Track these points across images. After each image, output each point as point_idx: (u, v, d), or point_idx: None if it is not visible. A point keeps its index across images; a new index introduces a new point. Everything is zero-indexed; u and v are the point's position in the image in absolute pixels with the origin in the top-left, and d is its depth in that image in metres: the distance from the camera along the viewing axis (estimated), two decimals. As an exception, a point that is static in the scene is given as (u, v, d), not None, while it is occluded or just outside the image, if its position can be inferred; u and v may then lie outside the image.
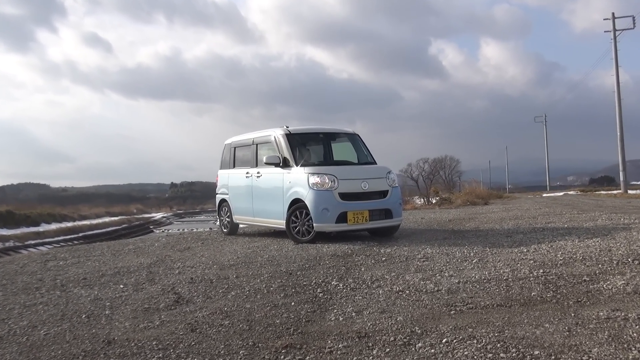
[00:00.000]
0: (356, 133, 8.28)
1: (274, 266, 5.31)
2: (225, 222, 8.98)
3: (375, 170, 7.48)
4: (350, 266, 5.12)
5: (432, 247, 6.13)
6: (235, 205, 8.63)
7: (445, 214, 12.52)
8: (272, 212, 7.54)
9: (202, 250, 7.03)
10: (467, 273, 4.53)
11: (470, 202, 18.05)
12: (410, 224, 9.65)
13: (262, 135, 8.13)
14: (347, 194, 6.87)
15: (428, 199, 26.30)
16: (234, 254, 6.32)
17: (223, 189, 9.03)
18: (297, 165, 7.18)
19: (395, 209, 7.18)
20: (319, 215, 6.73)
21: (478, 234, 7.48)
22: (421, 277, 4.42)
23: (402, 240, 6.92)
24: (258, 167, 8.02)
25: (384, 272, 4.72)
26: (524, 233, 7.33)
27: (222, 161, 9.30)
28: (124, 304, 4.08)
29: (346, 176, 7.00)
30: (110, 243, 8.99)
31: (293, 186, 7.10)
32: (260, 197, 7.91)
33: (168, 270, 5.49)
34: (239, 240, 7.94)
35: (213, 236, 8.86)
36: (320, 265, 5.25)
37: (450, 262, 5.07)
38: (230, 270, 5.25)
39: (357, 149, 8.13)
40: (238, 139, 8.94)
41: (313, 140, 8.33)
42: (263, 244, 7.28)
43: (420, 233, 7.90)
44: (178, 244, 7.87)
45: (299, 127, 8.14)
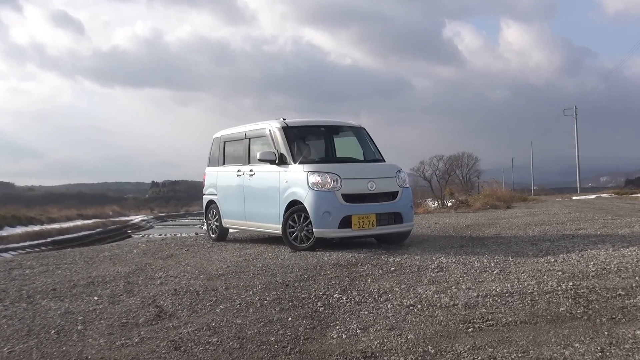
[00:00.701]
0: (362, 126, 8.29)
1: (269, 276, 5.31)
2: (213, 226, 8.99)
3: (384, 169, 7.47)
4: (355, 277, 5.12)
5: (447, 256, 6.13)
6: (224, 208, 8.64)
7: (462, 218, 12.52)
8: (267, 215, 7.55)
9: (187, 258, 7.04)
10: (487, 285, 4.53)
11: (490, 205, 18.06)
12: (422, 230, 9.65)
13: (256, 128, 8.13)
14: (351, 195, 6.88)
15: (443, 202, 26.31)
16: (223, 263, 6.32)
17: (211, 189, 9.03)
18: (295, 162, 7.19)
19: (406, 213, 7.19)
20: (319, 219, 6.73)
21: (499, 241, 7.49)
22: (435, 290, 4.42)
23: (414, 248, 6.92)
24: (251, 165, 8.03)
25: (392, 284, 4.72)
26: (551, 241, 7.33)
27: (210, 157, 9.30)
28: (98, 319, 4.08)
29: (350, 175, 7.01)
30: (83, 249, 9.00)
31: (290, 186, 7.11)
32: (253, 198, 7.91)
33: (148, 280, 5.49)
34: (228, 247, 7.95)
35: (199, 242, 8.86)
36: (321, 275, 5.25)
37: (468, 273, 5.07)
38: (218, 280, 5.25)
39: (362, 145, 8.13)
40: (228, 133, 8.94)
41: (313, 135, 8.33)
42: (256, 251, 7.29)
43: (434, 240, 7.90)
44: (160, 251, 7.87)
45: (297, 120, 8.14)
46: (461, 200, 19.80)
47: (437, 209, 20.63)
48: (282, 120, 7.72)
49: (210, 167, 9.24)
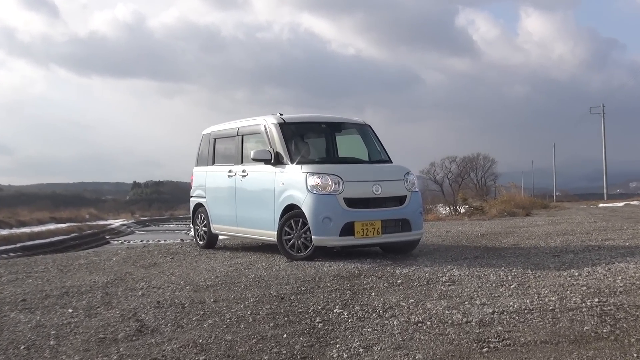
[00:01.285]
0: (367, 124, 8.30)
1: (262, 288, 5.31)
2: (201, 232, 8.99)
3: (391, 171, 7.48)
4: (358, 290, 5.12)
5: (460, 267, 6.14)
6: (214, 212, 8.65)
7: (477, 226, 12.53)
8: (261, 220, 7.55)
9: (172, 267, 7.04)
10: (504, 301, 4.53)
11: (508, 212, 18.07)
12: (432, 239, 9.66)
13: (250, 124, 8.14)
14: (354, 199, 6.88)
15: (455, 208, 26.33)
16: (212, 273, 6.32)
17: (199, 190, 9.04)
18: (292, 162, 7.20)
19: (415, 220, 7.19)
20: (319, 225, 6.74)
21: (517, 252, 7.49)
22: (446, 305, 4.43)
23: (423, 259, 6.93)
24: (243, 164, 8.04)
25: (399, 298, 4.73)
26: (575, 252, 7.33)
27: (198, 156, 9.31)
28: (73, 333, 4.08)
29: (354, 177, 7.02)
30: (57, 256, 9.00)
31: (287, 189, 7.11)
32: (245, 201, 7.92)
33: (129, 291, 5.49)
34: (218, 256, 7.95)
35: (186, 250, 8.87)
36: (320, 288, 5.25)
37: (483, 287, 5.07)
38: (206, 292, 5.25)
39: (367, 144, 8.14)
40: (219, 129, 8.95)
41: (313, 132, 8.33)
42: (248, 260, 7.29)
43: (446, 250, 7.91)
44: (141, 259, 7.87)
45: (295, 115, 8.14)
46: (475, 207, 19.80)
47: (449, 216, 20.64)
48: (278, 116, 7.73)
49: (198, 166, 9.24)
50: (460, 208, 24.12)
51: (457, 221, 15.50)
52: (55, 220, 43.03)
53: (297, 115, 8.23)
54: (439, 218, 18.43)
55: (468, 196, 24.71)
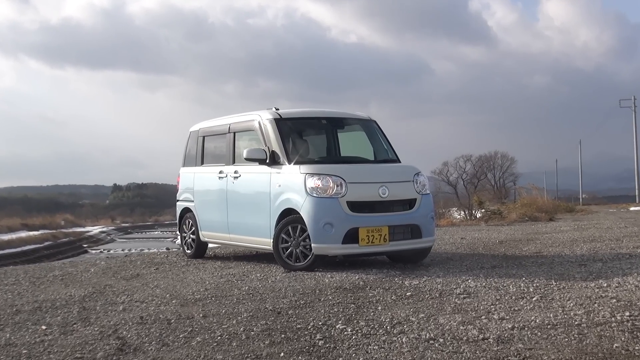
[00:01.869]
0: (372, 119, 8.31)
1: (257, 302, 5.31)
2: (188, 240, 9.00)
3: (399, 171, 7.47)
4: (363, 304, 5.12)
5: (476, 278, 6.14)
6: (203, 217, 8.65)
7: (495, 232, 12.53)
8: (255, 227, 7.55)
9: (157, 278, 7.04)
10: (525, 315, 4.53)
11: (529, 216, 18.06)
12: (445, 246, 9.66)
13: (243, 120, 8.15)
14: (359, 203, 6.88)
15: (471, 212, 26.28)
16: (201, 285, 6.32)
17: (186, 194, 9.05)
18: (290, 162, 7.20)
19: (426, 225, 7.19)
20: (319, 232, 6.74)
21: (540, 261, 7.49)
22: (461, 320, 4.43)
23: (435, 269, 6.93)
24: (236, 165, 8.04)
25: (409, 313, 4.73)
26: (603, 261, 7.33)
27: (185, 156, 9.32)
28: (47, 352, 4.08)
29: (358, 178, 7.02)
30: (28, 267, 8.99)
31: (284, 191, 7.12)
32: (238, 206, 7.92)
33: (109, 305, 5.49)
34: (207, 266, 7.95)
35: (172, 259, 8.87)
36: (321, 301, 5.25)
37: (502, 300, 5.07)
38: (195, 306, 5.25)
39: (373, 141, 8.14)
40: (208, 125, 8.96)
41: (312, 129, 8.33)
42: (241, 271, 7.29)
43: (460, 259, 7.91)
44: (123, 270, 7.88)
45: (292, 110, 8.14)
46: (493, 211, 19.77)
47: (464, 221, 20.62)
48: (274, 111, 7.74)
49: (185, 167, 9.25)
50: (476, 212, 24.08)
51: (473, 227, 15.50)
52: (27, 227, 43.03)
53: (295, 110, 8.22)
54: (453, 223, 18.41)
55: (485, 199, 24.65)
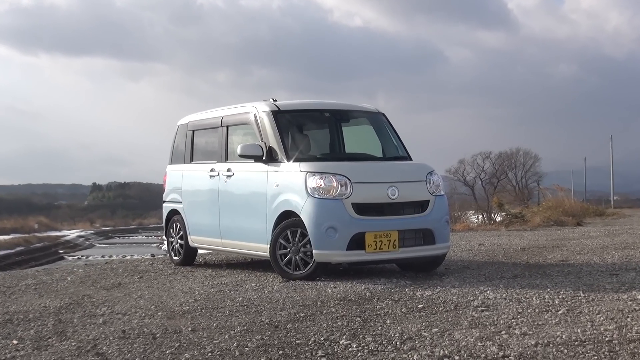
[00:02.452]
0: (380, 112, 8.31)
1: (252, 315, 5.31)
2: (176, 245, 9.01)
3: (410, 170, 7.47)
4: (369, 317, 5.12)
5: (495, 289, 6.14)
6: (192, 221, 8.66)
7: (517, 238, 12.52)
8: (250, 231, 7.56)
9: (141, 288, 7.04)
10: (550, 330, 4.52)
11: (554, 221, 18.04)
12: (462, 253, 9.65)
13: (237, 112, 8.15)
14: (365, 205, 6.88)
15: (490, 215, 26.27)
16: (190, 295, 6.33)
17: (174, 194, 9.05)
18: (289, 159, 7.21)
19: (440, 230, 7.19)
20: (321, 237, 6.74)
21: (566, 270, 7.48)
22: (478, 336, 4.42)
23: (450, 278, 6.93)
24: (229, 162, 8.05)
25: (420, 327, 4.73)
26: (637, 270, 7.31)
27: (172, 152, 9.32)
28: (19, 370, 4.08)
29: (364, 178, 7.02)
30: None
31: (282, 192, 7.12)
32: (231, 208, 7.93)
33: (87, 318, 5.49)
34: (197, 274, 7.96)
35: (157, 267, 8.87)
36: (323, 314, 5.25)
37: (524, 313, 5.07)
38: (183, 319, 5.25)
39: (381, 137, 8.14)
40: (198, 118, 8.96)
41: (314, 122, 8.33)
42: (234, 280, 7.29)
43: (478, 267, 7.91)
44: (103, 279, 7.88)
45: (292, 102, 8.14)
46: (515, 214, 19.74)
47: (482, 225, 20.60)
48: (271, 102, 7.74)
49: (173, 164, 9.25)
50: (495, 216, 24.05)
51: (492, 232, 15.49)
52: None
53: (295, 102, 8.22)
54: (470, 228, 18.39)
55: (505, 201, 24.63)
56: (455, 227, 17.48)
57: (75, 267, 9.66)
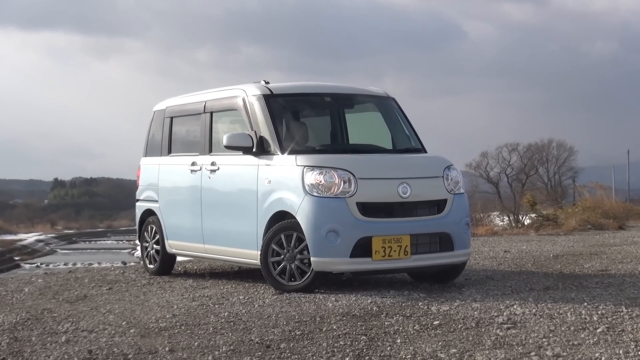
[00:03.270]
0: (390, 96, 8.30)
1: (239, 332, 5.31)
2: (151, 251, 9.00)
3: (425, 164, 7.48)
4: (377, 335, 5.12)
5: (523, 303, 6.14)
6: (170, 223, 8.65)
7: (548, 244, 12.52)
8: (237, 235, 7.56)
9: (110, 301, 7.04)
10: (587, 351, 4.52)
11: (592, 224, 18.02)
12: (484, 262, 9.65)
13: (223, 96, 8.14)
14: (372, 205, 6.89)
15: (517, 217, 26.30)
16: (168, 310, 6.32)
17: (149, 192, 9.05)
18: (283, 151, 7.20)
19: (459, 234, 7.19)
20: (321, 242, 6.74)
21: (606, 281, 7.49)
22: (504, 358, 4.42)
23: (471, 291, 6.93)
24: (213, 155, 8.04)
25: (436, 347, 4.72)
26: (689, 281, 7.31)
27: (147, 143, 9.31)
28: (-32, 396, 4.08)
29: (371, 173, 7.02)
30: (-55, 286, 8.99)
31: (276, 189, 7.11)
32: (215, 208, 7.92)
33: (48, 335, 5.49)
34: (175, 285, 7.95)
35: (129, 276, 8.87)
36: (323, 332, 5.25)
37: (557, 331, 5.07)
38: (159, 338, 5.25)
39: (391, 125, 8.14)
40: (178, 104, 8.95)
41: (313, 108, 8.32)
42: (219, 292, 7.29)
43: (503, 278, 7.91)
44: (66, 290, 7.88)
45: (287, 84, 8.14)
46: (546, 216, 19.72)
47: (508, 229, 20.59)
48: (263, 85, 7.73)
49: (148, 157, 9.25)
50: (524, 218, 24.03)
51: (520, 236, 15.48)
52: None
53: (290, 84, 8.21)
54: (494, 232, 18.38)
55: (535, 200, 24.60)
56: (476, 230, 17.47)
57: (33, 276, 9.65)
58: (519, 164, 54.31)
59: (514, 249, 11.62)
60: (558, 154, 55.78)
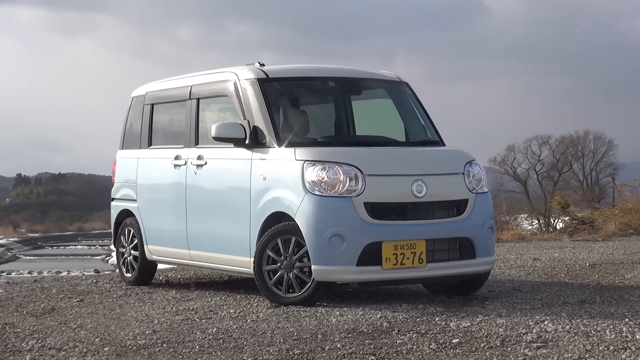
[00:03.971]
0: (403, 81, 8.29)
1: (229, 351, 5.31)
2: (129, 258, 9.00)
3: (443, 159, 7.48)
4: (387, 355, 5.12)
5: (555, 318, 6.14)
6: (150, 225, 8.65)
7: (584, 251, 12.51)
8: (227, 240, 7.56)
9: (82, 314, 7.04)
10: (629, 374, 4.52)
11: (634, 227, 18.02)
12: (511, 271, 9.65)
13: (211, 80, 8.14)
14: (382, 205, 6.89)
15: (548, 220, 26.29)
16: (147, 325, 6.32)
17: (126, 189, 9.06)
18: (280, 143, 7.19)
19: (482, 240, 7.19)
20: (323, 248, 6.73)
21: (651, 294, 7.48)
22: (533, 381, 4.42)
23: (495, 304, 6.93)
24: (200, 147, 8.04)
25: (455, 369, 4.72)
26: None
27: (125, 133, 9.32)
28: None
29: (381, 169, 7.02)
30: None
31: (272, 187, 7.11)
32: (202, 208, 7.92)
33: (10, 354, 5.48)
34: (156, 297, 7.96)
35: (103, 287, 8.87)
36: (325, 351, 5.25)
37: (594, 351, 5.06)
38: (138, 357, 5.25)
39: (404, 114, 8.13)
40: (160, 89, 8.97)
41: (314, 94, 8.32)
42: (206, 304, 7.30)
43: (532, 290, 7.90)
44: (31, 302, 7.88)
45: (285, 67, 8.14)
46: (582, 219, 19.73)
47: (538, 234, 20.62)
48: (258, 68, 7.73)
49: (125, 150, 9.26)
50: (556, 221, 24.05)
51: (552, 242, 15.49)
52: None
53: (289, 67, 8.21)
54: (522, 237, 18.40)
55: (569, 201, 24.60)
56: (502, 235, 17.49)
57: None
58: (550, 159, 54.35)
59: (545, 256, 11.61)
60: (595, 148, 55.80)
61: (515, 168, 53.71)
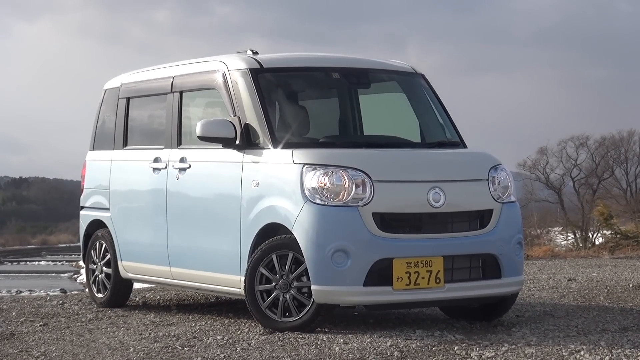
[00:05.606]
0: (418, 72, 8.29)
1: (216, 384, 5.32)
2: (100, 276, 9.01)
3: (464, 163, 7.50)
4: (398, 389, 5.12)
5: (593, 348, 6.14)
6: (125, 238, 8.66)
7: (628, 270, 12.51)
8: (214, 256, 7.57)
9: (45, 341, 7.05)
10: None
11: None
12: (542, 293, 9.65)
13: (196, 71, 8.17)
14: (394, 216, 6.91)
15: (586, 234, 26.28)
16: (121, 353, 6.33)
17: (97, 197, 9.07)
18: (276, 144, 7.20)
19: (509, 256, 7.19)
20: (325, 265, 6.74)
21: None
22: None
23: (523, 331, 6.93)
24: (182, 148, 8.06)
25: (477, 406, 4.73)
26: None
27: (96, 132, 9.35)
28: None
29: (393, 174, 7.03)
30: None
31: (266, 194, 7.12)
32: (185, 219, 7.94)
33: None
34: (132, 321, 7.96)
35: (71, 309, 8.88)
36: (327, 384, 5.26)
37: (637, 387, 5.07)
38: (110, 390, 5.27)
39: (420, 111, 8.15)
40: (136, 80, 9.00)
41: (315, 87, 8.34)
42: (190, 330, 7.30)
43: (567, 315, 7.91)
44: (-13, 326, 7.89)
45: (281, 56, 8.15)
46: (625, 233, 19.75)
47: (574, 250, 20.62)
48: (250, 56, 7.74)
49: (96, 151, 9.29)
50: (595, 235, 24.05)
51: (590, 260, 15.49)
52: None
53: (286, 56, 8.22)
54: (555, 253, 18.42)
55: (611, 213, 24.58)
56: (531, 251, 17.50)
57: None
58: (588, 163, 54.31)
59: (582, 276, 11.62)
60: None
61: (548, 174, 53.66)
